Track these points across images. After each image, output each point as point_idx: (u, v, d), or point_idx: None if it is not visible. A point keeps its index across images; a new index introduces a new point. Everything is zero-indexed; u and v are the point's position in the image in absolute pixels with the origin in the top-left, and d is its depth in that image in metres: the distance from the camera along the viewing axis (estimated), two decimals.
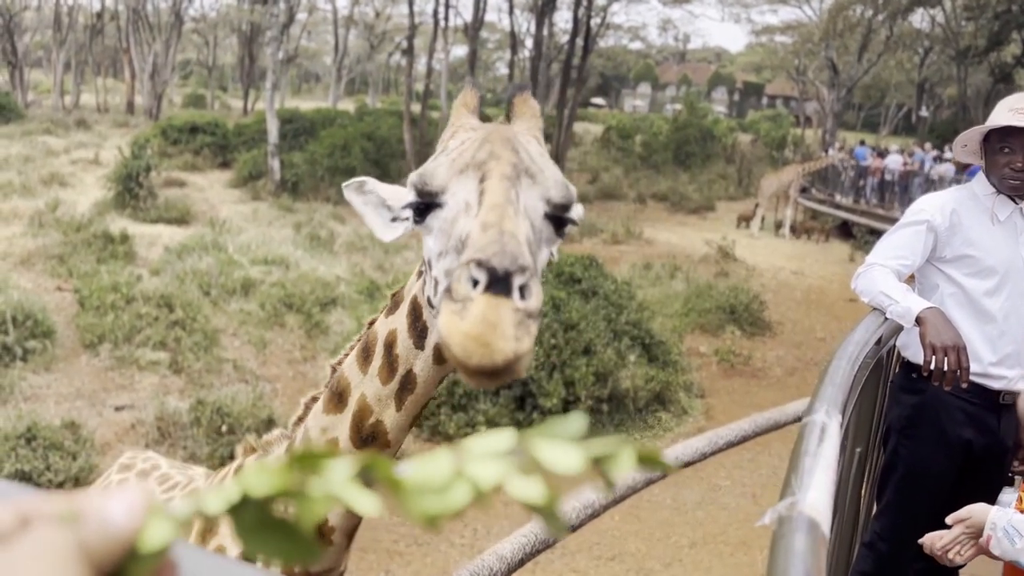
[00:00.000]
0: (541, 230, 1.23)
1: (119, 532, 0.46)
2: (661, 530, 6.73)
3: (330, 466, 0.48)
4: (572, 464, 0.48)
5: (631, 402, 8.61)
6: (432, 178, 1.25)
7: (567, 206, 1.27)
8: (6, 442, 6.31)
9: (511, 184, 1.18)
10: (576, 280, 9.41)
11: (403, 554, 6.10)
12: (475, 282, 1.01)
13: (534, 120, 1.44)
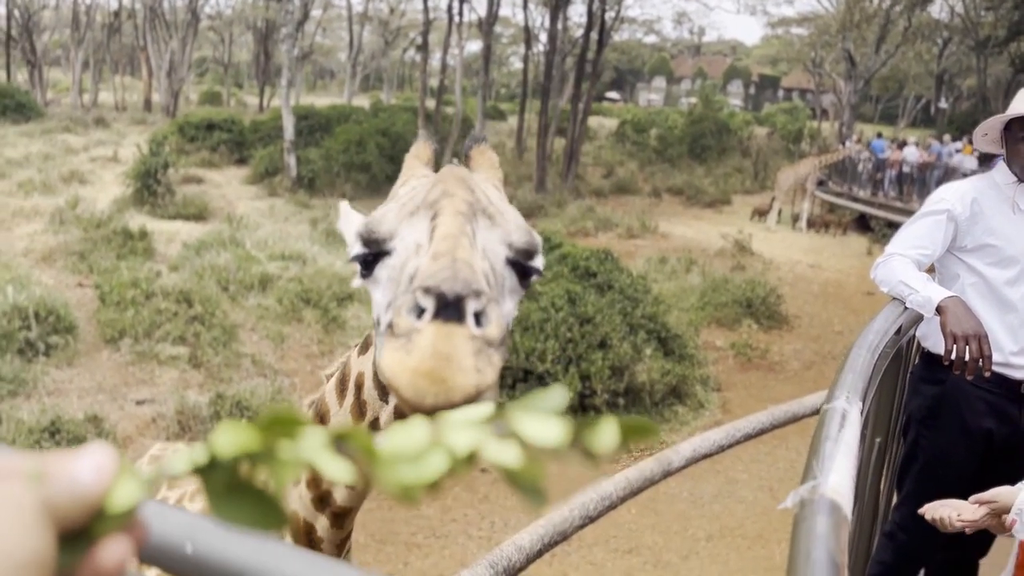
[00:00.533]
0: (503, 276, 1.12)
1: (86, 492, 0.46)
2: (678, 523, 6.74)
3: (304, 432, 0.47)
4: (552, 436, 0.48)
5: (647, 396, 8.61)
6: (379, 225, 1.15)
7: (531, 252, 1.17)
8: (31, 435, 6.39)
9: (466, 220, 1.08)
10: (592, 274, 9.41)
11: (421, 546, 6.14)
12: (421, 311, 0.90)
13: (493, 171, 1.38)
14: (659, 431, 0.53)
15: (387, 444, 0.48)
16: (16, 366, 8.39)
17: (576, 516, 3.24)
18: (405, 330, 0.89)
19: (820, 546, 0.75)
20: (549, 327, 8.28)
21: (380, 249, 1.14)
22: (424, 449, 0.48)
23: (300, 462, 0.47)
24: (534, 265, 1.18)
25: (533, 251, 1.18)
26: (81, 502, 0.46)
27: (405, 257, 1.09)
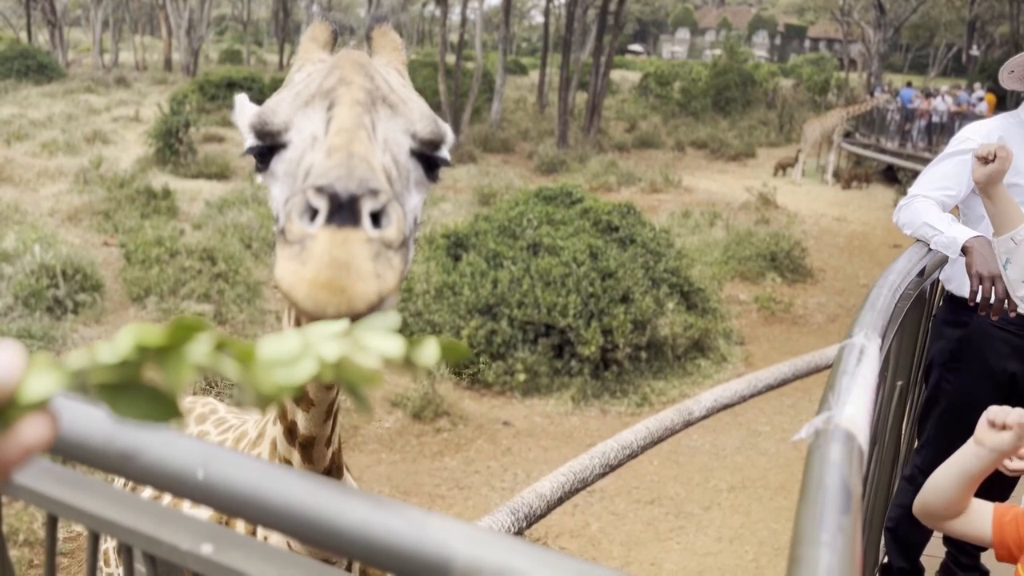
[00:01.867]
0: (408, 169, 1.07)
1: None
2: (700, 474, 6.77)
3: (197, 337, 0.52)
4: (393, 349, 0.56)
5: (670, 349, 8.60)
6: (273, 115, 1.07)
7: (436, 143, 1.11)
8: None
9: (364, 110, 1.01)
10: (614, 228, 9.35)
11: (445, 497, 6.23)
12: (314, 213, 0.84)
13: (395, 54, 1.29)
14: (469, 352, 0.63)
15: (264, 350, 0.54)
16: (45, 324, 8.53)
17: (597, 465, 3.26)
18: (297, 236, 0.84)
19: (833, 472, 0.74)
20: (571, 282, 8.26)
21: (275, 142, 1.07)
22: (296, 355, 0.54)
23: (190, 363, 0.52)
24: (440, 155, 1.13)
25: (439, 141, 1.12)
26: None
27: (302, 150, 1.02)
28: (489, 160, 20.52)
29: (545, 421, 7.57)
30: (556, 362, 8.16)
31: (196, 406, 2.71)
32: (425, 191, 1.14)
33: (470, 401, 7.82)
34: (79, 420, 0.71)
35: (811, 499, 0.67)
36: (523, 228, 9.16)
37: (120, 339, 0.51)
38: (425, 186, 1.13)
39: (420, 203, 1.13)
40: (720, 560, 5.65)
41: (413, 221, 1.10)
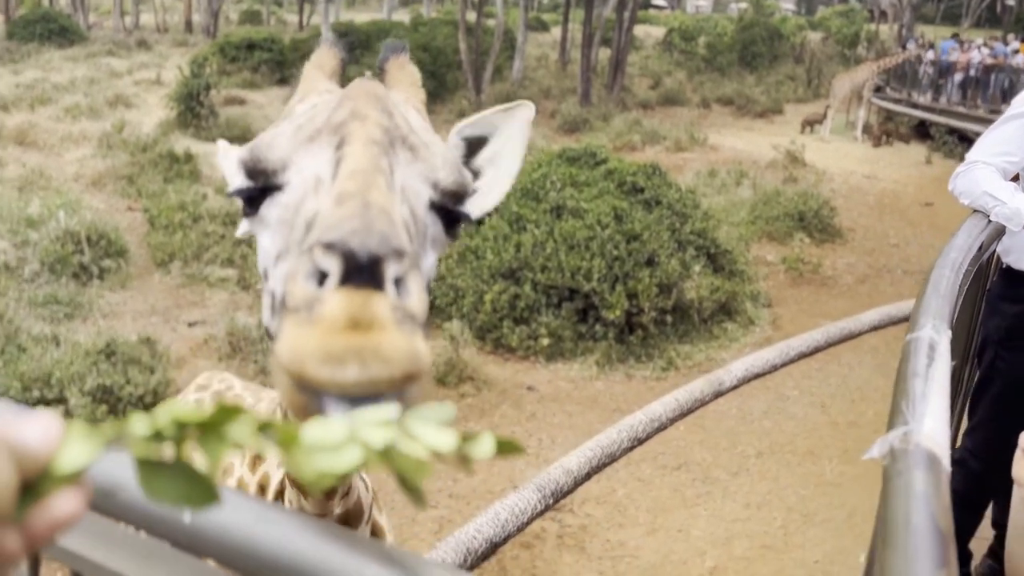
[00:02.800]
0: (426, 224, 0.91)
1: (34, 454, 0.48)
2: (727, 440, 6.69)
3: (238, 419, 0.51)
4: (446, 443, 0.53)
5: (696, 313, 8.48)
6: (268, 151, 0.91)
7: (460, 194, 0.95)
8: (87, 357, 6.54)
9: (381, 151, 0.85)
10: (639, 189, 9.18)
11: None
12: (323, 277, 0.68)
13: (414, 89, 1.14)
14: (523, 449, 0.57)
15: (308, 434, 0.52)
16: (72, 289, 8.57)
17: (624, 438, 3.20)
18: (303, 300, 0.67)
19: (920, 509, 0.64)
20: (595, 245, 8.14)
21: (269, 182, 0.90)
22: (342, 441, 0.52)
23: (230, 443, 0.51)
24: (463, 210, 0.96)
25: (463, 193, 0.96)
26: (28, 462, 0.49)
27: (302, 194, 0.86)
28: None
29: (569, 386, 7.52)
30: (580, 326, 8.08)
31: (212, 382, 2.65)
32: (441, 251, 0.97)
33: (494, 366, 7.77)
34: None
35: (898, 546, 0.58)
36: (546, 190, 9.02)
37: (158, 413, 0.51)
38: (442, 245, 0.96)
39: (435, 266, 0.97)
40: (748, 526, 5.60)
41: (426, 285, 0.92)
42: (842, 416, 7.10)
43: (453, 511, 5.60)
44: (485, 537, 2.32)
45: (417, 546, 5.15)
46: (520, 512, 2.48)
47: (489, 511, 2.43)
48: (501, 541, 2.41)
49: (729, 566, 5.17)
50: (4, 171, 12.69)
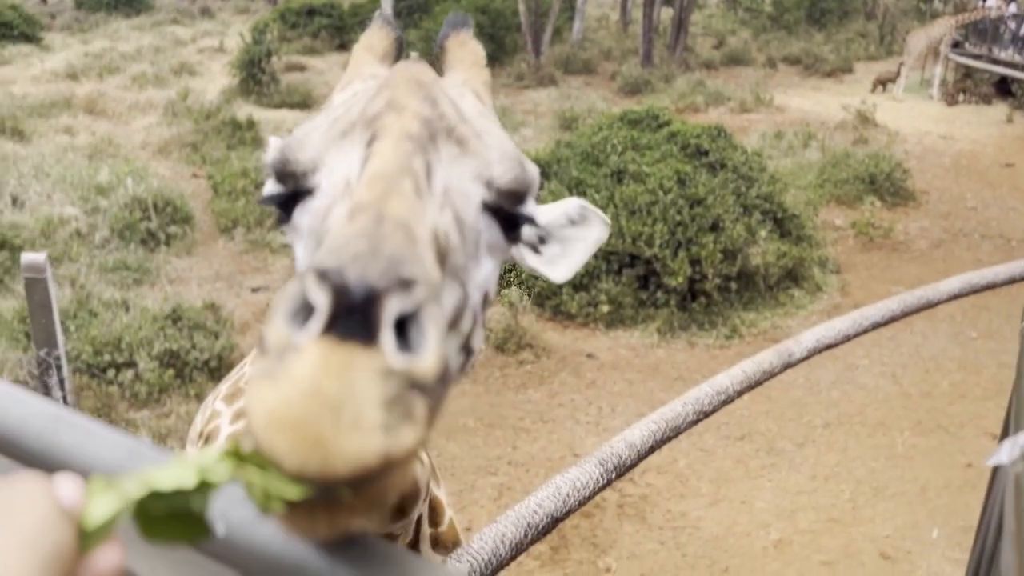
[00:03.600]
0: (477, 230, 0.79)
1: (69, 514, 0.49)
2: (793, 410, 6.53)
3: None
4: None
5: (761, 280, 8.26)
6: (299, 150, 0.80)
7: (520, 193, 0.82)
8: (155, 322, 6.68)
9: (416, 148, 0.73)
10: (703, 152, 8.93)
11: (529, 430, 6.18)
12: (310, 312, 0.55)
13: (476, 69, 1.01)
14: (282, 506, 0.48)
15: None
16: (140, 256, 8.76)
17: (690, 411, 3.09)
18: (276, 345, 0.54)
19: None
20: (657, 210, 7.96)
21: (299, 186, 0.80)
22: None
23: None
24: (525, 212, 0.83)
25: (523, 191, 0.82)
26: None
27: (330, 201, 0.75)
28: (570, 82, 19.95)
29: (630, 354, 7.41)
30: (641, 293, 7.94)
31: (242, 382, 2.64)
32: (501, 258, 0.84)
33: (553, 333, 7.70)
34: (86, 447, 0.58)
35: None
36: (607, 154, 8.84)
37: (184, 472, 0.51)
38: (501, 251, 0.84)
39: (494, 275, 0.84)
40: (814, 499, 5.46)
41: (481, 300, 0.81)
42: (915, 387, 6.86)
43: (512, 478, 5.58)
44: (546, 512, 2.26)
45: (476, 513, 5.16)
46: (582, 486, 2.42)
47: (550, 485, 2.38)
48: (562, 516, 2.35)
49: (794, 539, 5.06)
50: (75, 139, 13.00)
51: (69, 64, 19.15)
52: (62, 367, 3.09)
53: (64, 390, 3.06)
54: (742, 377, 3.30)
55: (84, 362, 6.18)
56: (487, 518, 5.08)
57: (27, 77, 18.13)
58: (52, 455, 0.60)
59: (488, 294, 0.84)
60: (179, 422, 5.81)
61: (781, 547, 5.00)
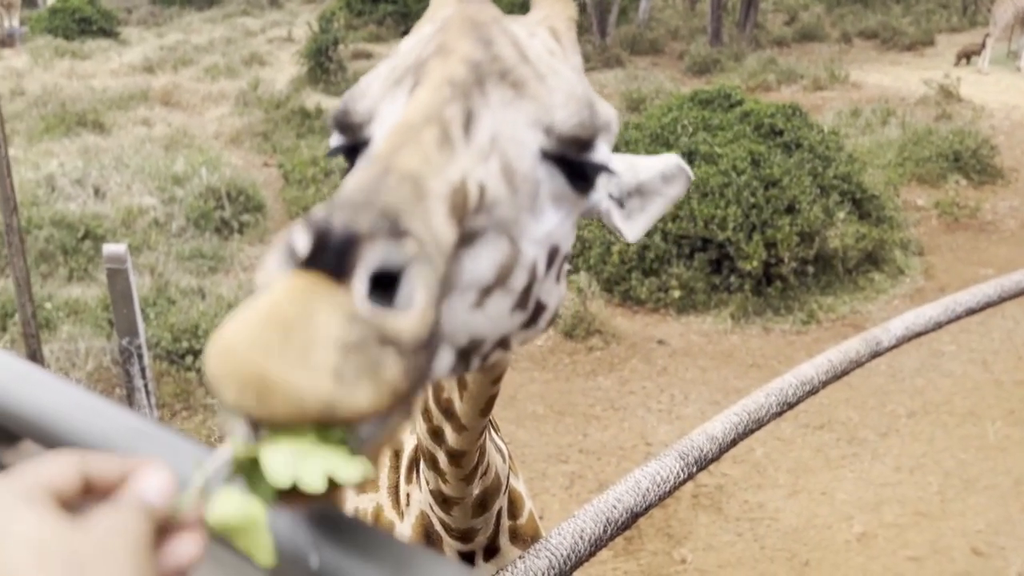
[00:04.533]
0: (533, 179, 0.75)
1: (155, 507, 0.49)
2: (875, 398, 6.30)
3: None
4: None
5: (840, 263, 7.98)
6: (360, 100, 0.79)
7: (586, 141, 0.77)
8: (230, 309, 6.81)
9: (456, 94, 0.70)
10: (777, 132, 8.66)
11: (600, 418, 6.10)
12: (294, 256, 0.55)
13: (560, 5, 0.92)
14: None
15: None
16: (215, 244, 8.95)
17: (773, 403, 2.96)
18: (262, 283, 0.55)
19: None
20: (730, 192, 7.75)
21: (357, 138, 0.78)
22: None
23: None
24: (593, 159, 0.78)
25: (589, 137, 0.77)
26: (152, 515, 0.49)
27: None
28: (637, 63, 19.63)
29: (703, 340, 7.25)
30: (714, 278, 7.76)
31: None
32: (572, 209, 0.80)
33: (622, 319, 7.59)
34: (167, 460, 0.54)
35: None
36: (677, 135, 8.65)
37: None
38: (571, 203, 0.79)
39: (563, 228, 0.80)
40: (899, 491, 5.26)
41: (548, 255, 0.77)
42: (1007, 374, 6.54)
43: (584, 466, 5.52)
44: (625, 507, 2.17)
45: (548, 501, 5.11)
46: (662, 481, 2.32)
47: (629, 479, 2.29)
48: (642, 511, 2.26)
49: (879, 533, 4.88)
50: (152, 131, 13.36)
51: (145, 57, 19.68)
52: (143, 355, 3.15)
53: (145, 378, 3.12)
54: (827, 367, 3.16)
55: (163, 349, 6.34)
56: (559, 507, 5.03)
57: (106, 71, 18.69)
58: None
59: (558, 248, 0.80)
60: None
61: (865, 541, 4.82)
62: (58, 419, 0.57)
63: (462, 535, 1.63)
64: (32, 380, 0.63)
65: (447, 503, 1.53)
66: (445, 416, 1.26)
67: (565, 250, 0.82)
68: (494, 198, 0.70)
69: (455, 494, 1.50)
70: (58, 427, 0.57)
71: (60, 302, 7.20)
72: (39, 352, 3.66)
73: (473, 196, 0.68)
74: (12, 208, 3.22)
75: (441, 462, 1.41)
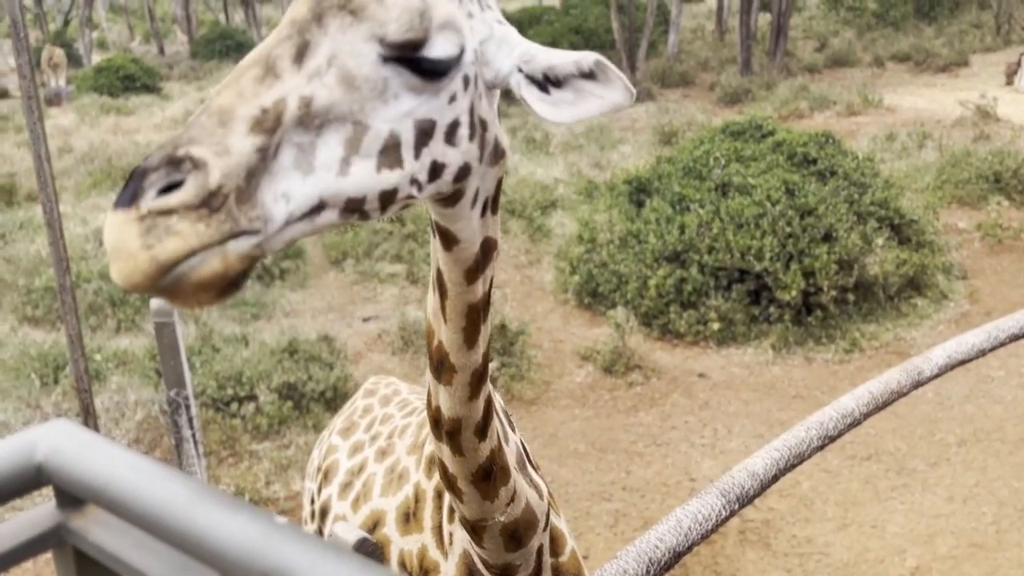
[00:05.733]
0: (377, 78, 0.99)
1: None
2: (923, 427, 6.18)
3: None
4: None
5: (881, 289, 7.88)
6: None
7: (416, 43, 1.00)
8: (273, 356, 6.92)
9: (293, 31, 0.97)
10: (811, 160, 8.63)
11: (643, 454, 6.06)
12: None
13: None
14: None
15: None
16: (257, 291, 9.12)
17: (814, 437, 2.95)
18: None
19: None
20: (766, 222, 7.73)
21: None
22: None
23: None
24: (429, 55, 1.01)
25: (420, 39, 1.00)
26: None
27: None
28: (668, 96, 19.73)
29: (744, 372, 7.19)
30: (753, 308, 7.71)
31: (379, 387, 2.68)
32: (435, 93, 1.05)
33: (662, 353, 7.56)
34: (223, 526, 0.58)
35: None
36: (710, 168, 8.66)
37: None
38: (429, 89, 1.04)
39: (429, 105, 1.05)
40: (953, 522, 5.13)
41: (418, 129, 1.04)
42: None
43: (628, 504, 5.48)
44: (668, 547, 2.19)
45: (593, 541, 5.08)
46: (704, 519, 2.33)
47: (671, 518, 2.30)
48: (685, 550, 2.27)
49: (933, 566, 4.76)
50: None
51: (187, 111, 20.27)
52: (191, 406, 3.23)
53: (193, 428, 3.20)
54: (868, 398, 3.13)
55: (209, 396, 6.45)
56: (604, 546, 5.00)
57: (150, 126, 19.28)
58: (191, 533, 0.60)
59: (432, 120, 1.05)
60: (298, 453, 5.99)
61: (919, 575, 4.71)
62: (123, 486, 0.61)
63: (501, 572, 1.65)
64: (96, 448, 0.67)
65: (475, 531, 1.56)
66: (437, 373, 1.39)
67: (446, 121, 1.07)
68: (328, 102, 0.96)
69: (474, 516, 1.54)
70: (122, 493, 0.61)
71: (109, 353, 7.38)
72: (91, 405, 3.77)
73: (291, 109, 0.94)
74: (64, 268, 3.36)
75: (445, 457, 1.47)
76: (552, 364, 7.43)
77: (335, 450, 2.43)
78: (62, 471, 0.65)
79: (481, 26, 1.13)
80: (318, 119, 0.96)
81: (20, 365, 6.97)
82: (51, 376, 6.94)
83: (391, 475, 1.97)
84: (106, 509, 0.64)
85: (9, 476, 0.64)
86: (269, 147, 0.92)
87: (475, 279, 1.35)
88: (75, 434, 0.70)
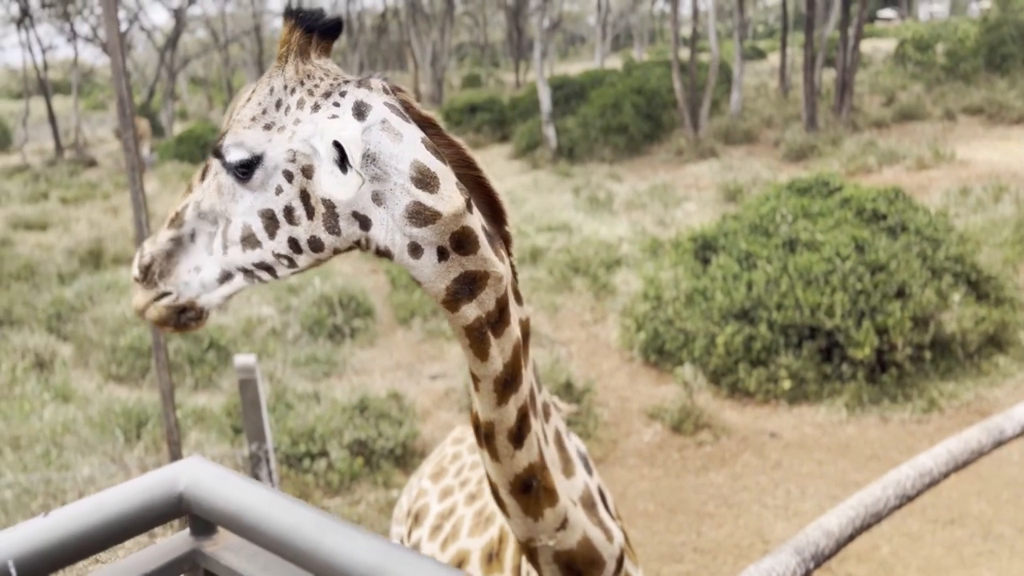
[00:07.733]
0: (228, 185, 1.41)
1: None
2: (1010, 490, 5.93)
3: None
4: None
5: (959, 347, 7.66)
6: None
7: (221, 154, 1.40)
8: (344, 413, 7.06)
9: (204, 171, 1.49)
10: (880, 216, 8.52)
11: (713, 515, 5.96)
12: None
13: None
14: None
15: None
16: (328, 349, 9.34)
17: (891, 495, 2.90)
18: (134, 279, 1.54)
19: None
20: (835, 279, 7.63)
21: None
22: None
23: None
24: (225, 160, 1.38)
25: (220, 151, 1.39)
26: None
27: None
28: (732, 153, 19.73)
29: (817, 431, 7.03)
30: (825, 366, 7.57)
31: (467, 435, 2.77)
32: (260, 190, 1.39)
33: (732, 411, 7.46)
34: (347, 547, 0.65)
35: None
36: (777, 224, 8.62)
37: None
38: (250, 186, 1.39)
39: (261, 199, 1.39)
40: None
41: (265, 218, 1.40)
42: None
43: (699, 566, 5.38)
44: None
45: None
46: None
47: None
48: None
49: None
50: None
51: None
52: (271, 459, 3.33)
53: (272, 481, 3.30)
54: (947, 457, 3.07)
55: (283, 452, 6.60)
56: None
57: None
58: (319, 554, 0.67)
59: (271, 210, 1.39)
60: (368, 510, 6.06)
61: None
62: (256, 513, 0.69)
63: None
64: (229, 481, 0.75)
65: (530, 555, 1.63)
66: (471, 378, 1.59)
67: (279, 208, 1.39)
68: (209, 205, 1.43)
69: (522, 535, 1.60)
70: (256, 519, 0.69)
71: (188, 410, 7.63)
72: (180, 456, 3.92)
73: (189, 211, 1.45)
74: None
75: (485, 463, 1.61)
76: (619, 422, 7.39)
77: (425, 494, 2.53)
78: (200, 500, 0.73)
79: (306, 127, 1.36)
80: (211, 215, 1.42)
81: (105, 421, 7.25)
82: (134, 432, 7.19)
83: (479, 518, 2.06)
84: (239, 534, 0.71)
85: (157, 505, 0.73)
86: (182, 237, 1.43)
87: (458, 308, 1.49)
88: (209, 469, 0.79)
